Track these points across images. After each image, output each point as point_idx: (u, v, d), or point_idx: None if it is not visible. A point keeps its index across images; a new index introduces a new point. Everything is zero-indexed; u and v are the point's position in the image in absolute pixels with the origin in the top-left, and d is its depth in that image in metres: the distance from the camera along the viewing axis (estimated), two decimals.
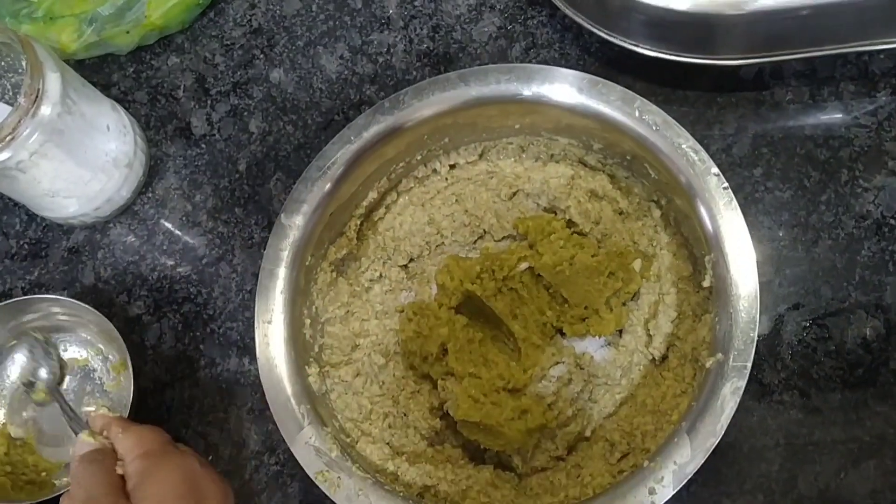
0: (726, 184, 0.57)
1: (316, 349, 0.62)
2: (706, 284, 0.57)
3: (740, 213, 0.56)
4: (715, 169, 0.57)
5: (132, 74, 0.76)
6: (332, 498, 0.55)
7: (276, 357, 0.58)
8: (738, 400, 0.53)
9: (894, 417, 0.61)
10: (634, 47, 0.65)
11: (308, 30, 0.75)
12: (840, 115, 0.67)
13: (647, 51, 0.65)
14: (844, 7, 0.60)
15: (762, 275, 0.63)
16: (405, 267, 0.68)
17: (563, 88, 0.60)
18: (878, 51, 0.65)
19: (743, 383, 0.53)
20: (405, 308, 0.66)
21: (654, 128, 0.59)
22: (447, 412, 0.62)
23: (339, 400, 0.61)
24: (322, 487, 0.55)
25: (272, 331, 0.59)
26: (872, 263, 0.64)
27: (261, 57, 0.75)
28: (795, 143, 0.67)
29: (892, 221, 0.64)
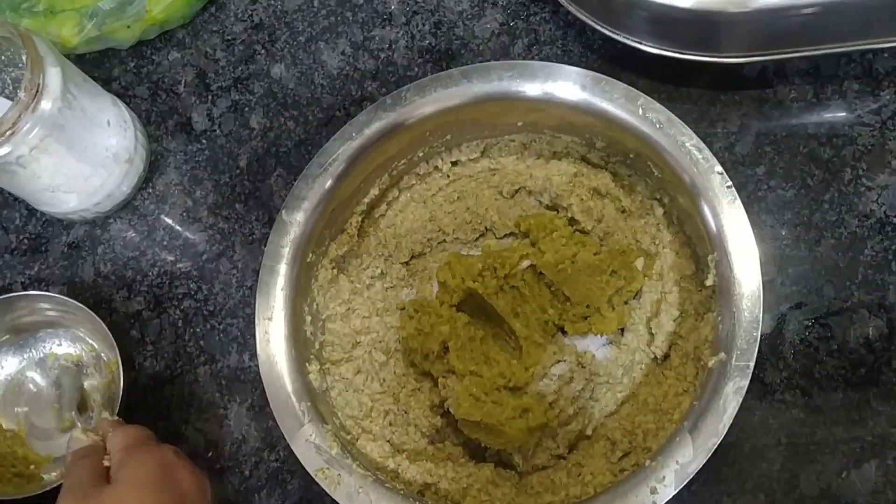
0: (730, 182, 0.57)
1: (317, 346, 0.62)
2: (709, 283, 0.57)
3: (744, 212, 0.56)
4: (718, 167, 0.57)
5: (133, 69, 0.76)
6: (333, 495, 0.55)
7: (277, 354, 0.58)
8: (741, 399, 0.52)
9: None
10: (637, 44, 0.65)
11: (309, 25, 0.75)
12: (844, 114, 0.66)
13: (651, 48, 0.65)
14: (849, 5, 0.59)
15: (765, 273, 0.63)
16: (406, 264, 0.68)
17: (567, 86, 0.60)
18: (883, 49, 0.65)
19: (745, 383, 0.53)
20: (406, 305, 0.65)
21: (658, 126, 0.58)
22: (448, 410, 0.61)
23: (340, 397, 0.61)
24: (322, 485, 0.55)
25: (273, 328, 0.58)
26: (875, 263, 0.63)
27: (262, 52, 0.75)
28: (799, 142, 0.66)
29: None
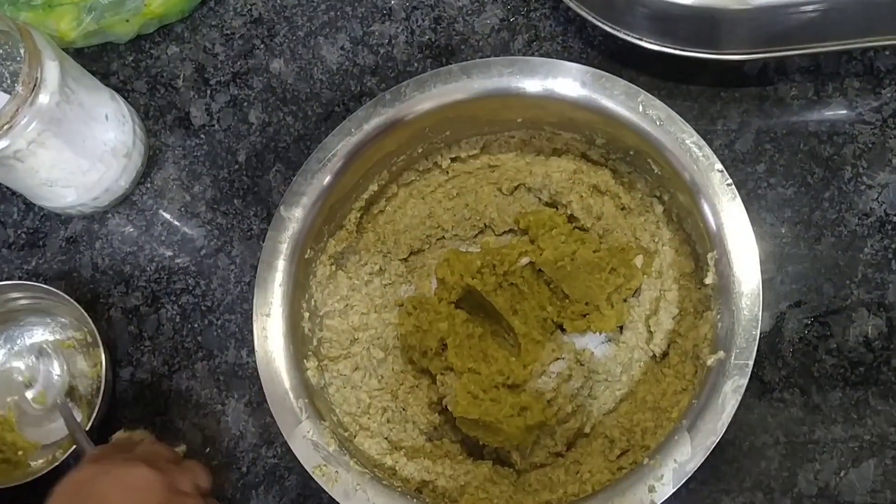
0: (730, 180, 0.56)
1: (314, 343, 0.62)
2: (708, 281, 0.57)
3: (744, 210, 0.56)
4: (719, 165, 0.57)
5: (131, 63, 0.76)
6: (330, 492, 0.55)
7: (275, 350, 0.58)
8: (740, 398, 0.52)
9: (895, 416, 0.60)
10: (638, 41, 0.65)
11: (309, 20, 0.75)
12: (844, 112, 0.66)
13: (651, 45, 0.64)
14: (850, 3, 0.59)
15: (764, 272, 0.63)
16: (405, 261, 0.67)
17: (567, 82, 0.60)
18: (884, 47, 0.65)
19: (744, 381, 0.53)
20: (405, 302, 0.65)
21: (658, 123, 0.58)
22: (446, 407, 0.61)
23: (338, 394, 0.61)
24: (320, 482, 0.55)
25: (270, 324, 0.58)
26: (875, 261, 0.63)
27: (261, 47, 0.75)
28: (799, 140, 0.66)
29: None
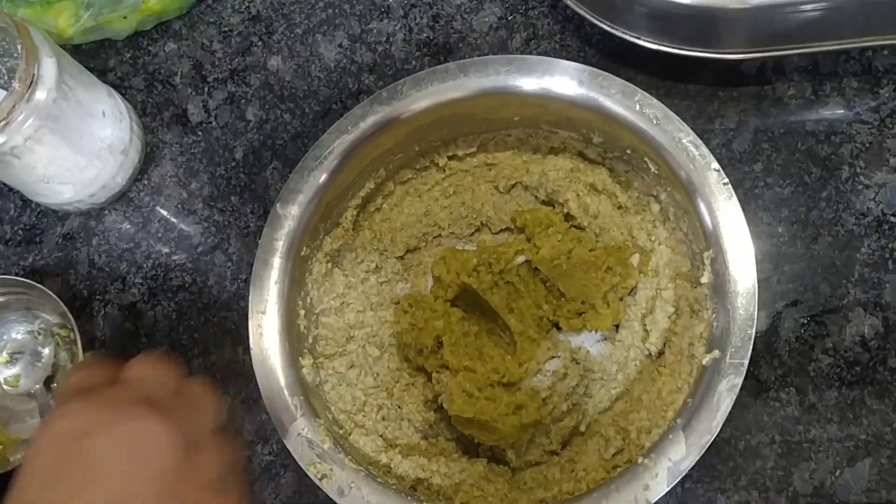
0: (726, 179, 0.56)
1: (310, 340, 0.61)
2: (704, 280, 0.57)
3: (740, 209, 0.56)
4: (715, 164, 0.57)
5: (129, 60, 0.76)
6: (325, 490, 0.54)
7: (270, 348, 0.58)
8: (735, 397, 0.52)
9: (891, 416, 0.60)
10: (636, 40, 0.65)
11: (307, 17, 0.75)
12: (842, 112, 0.66)
13: (649, 43, 0.64)
14: (849, 3, 0.59)
15: (760, 271, 0.63)
16: (401, 258, 0.67)
17: (564, 81, 0.60)
18: (882, 47, 0.65)
19: (740, 380, 0.53)
20: (401, 300, 0.65)
21: (655, 122, 0.58)
22: (441, 405, 0.61)
23: (333, 391, 0.61)
24: (314, 479, 0.55)
25: (266, 321, 0.58)
26: (872, 261, 0.63)
27: (259, 44, 0.75)
28: (796, 139, 0.66)
29: (893, 219, 0.64)
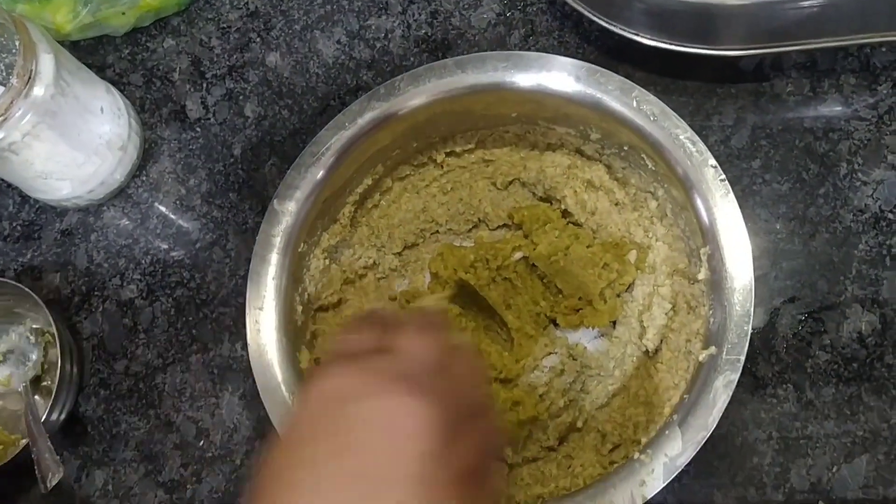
0: (723, 175, 0.56)
1: (308, 336, 0.62)
2: (701, 277, 0.57)
3: (737, 206, 0.56)
4: (712, 160, 0.57)
5: (127, 56, 0.76)
6: None
7: (267, 343, 0.58)
8: (731, 393, 0.52)
9: (888, 412, 0.60)
10: (634, 36, 0.65)
11: (305, 13, 0.75)
12: (840, 108, 0.66)
13: (648, 40, 0.64)
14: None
15: (758, 267, 0.63)
16: (399, 255, 0.67)
17: (561, 77, 0.60)
18: (880, 43, 0.65)
19: (736, 377, 0.53)
20: (398, 296, 0.65)
21: (652, 118, 0.58)
22: None
23: None
24: None
25: (263, 317, 0.58)
26: (869, 258, 0.63)
27: (257, 40, 0.75)
28: (794, 136, 0.66)
29: (891, 216, 0.64)
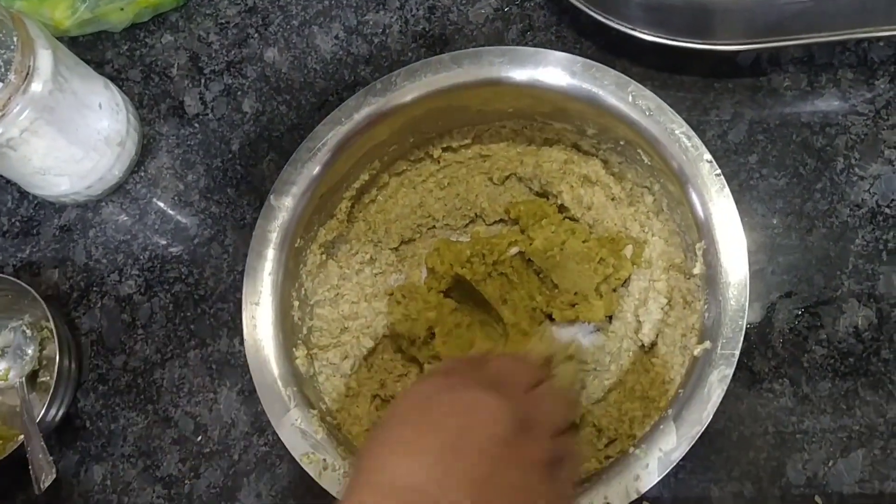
0: (719, 170, 0.56)
1: (304, 331, 0.62)
2: (696, 272, 0.57)
3: (732, 201, 0.56)
4: (708, 155, 0.57)
5: (126, 52, 0.76)
6: (317, 480, 0.55)
7: (264, 339, 0.58)
8: (726, 388, 0.52)
9: (884, 407, 0.60)
10: (632, 31, 0.65)
11: (303, 9, 0.75)
12: (837, 103, 0.66)
13: (645, 35, 0.64)
14: None
15: (755, 262, 0.63)
16: (396, 250, 0.67)
17: (557, 72, 0.60)
18: (878, 38, 0.64)
19: (730, 371, 0.53)
20: (394, 291, 0.65)
21: (648, 113, 0.58)
22: None
23: (327, 382, 0.61)
24: (307, 469, 0.55)
25: (260, 312, 0.58)
26: (866, 252, 0.63)
27: (255, 36, 0.75)
28: (792, 131, 0.66)
29: (887, 210, 0.64)
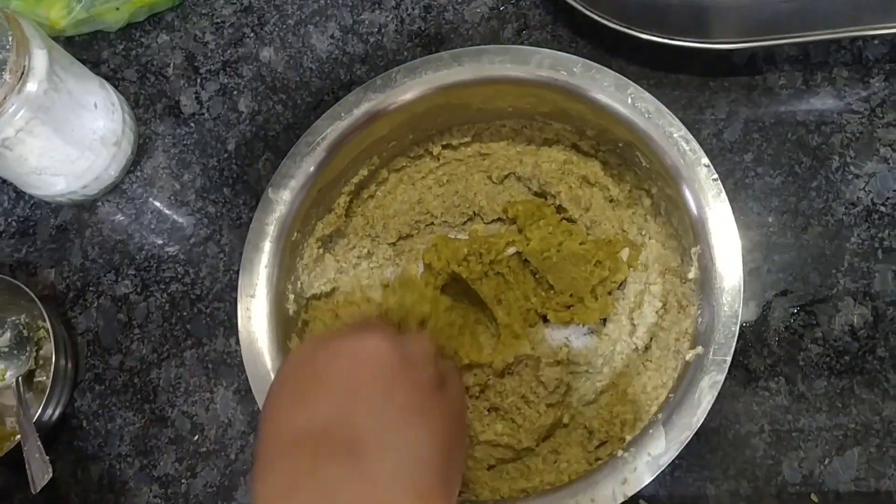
0: (716, 175, 0.56)
1: (299, 324, 0.62)
2: (691, 276, 0.57)
3: (729, 206, 0.55)
4: (705, 160, 0.56)
5: (122, 52, 0.76)
6: None
7: (258, 331, 0.58)
8: (717, 394, 0.52)
9: (879, 405, 0.61)
10: (627, 30, 0.65)
11: (299, 8, 0.75)
12: (833, 101, 0.66)
13: (640, 34, 0.64)
14: None
15: (751, 261, 0.63)
16: (393, 245, 0.67)
17: (557, 72, 0.59)
18: (873, 36, 0.64)
19: (722, 377, 0.53)
20: (390, 281, 0.65)
21: (647, 115, 0.58)
22: None
23: None
24: None
25: (255, 305, 0.58)
26: (861, 250, 0.63)
27: (251, 35, 0.75)
28: (787, 129, 0.66)
29: (883, 208, 0.64)
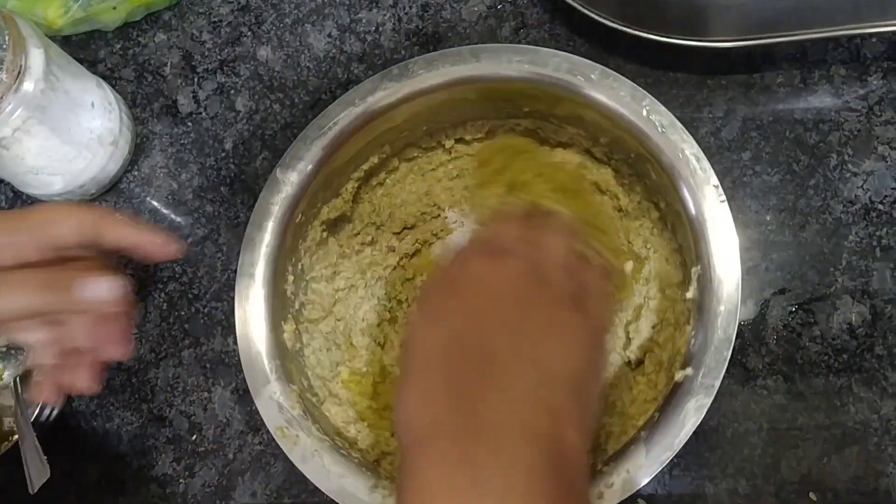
0: (723, 196, 0.55)
1: (296, 306, 0.61)
2: (689, 296, 0.56)
3: (734, 229, 0.55)
4: (715, 180, 0.56)
5: (119, 51, 0.76)
6: (289, 455, 0.55)
7: (253, 311, 0.58)
8: (702, 417, 0.52)
9: (878, 404, 0.60)
10: (625, 28, 0.64)
11: (296, 7, 0.75)
12: (830, 99, 0.66)
13: (638, 32, 0.64)
14: None
15: (749, 259, 0.63)
16: (398, 234, 0.67)
17: (574, 77, 0.59)
18: (871, 34, 0.64)
19: (709, 401, 0.52)
20: (405, 265, 0.66)
21: (661, 129, 0.57)
22: None
23: (313, 356, 0.61)
24: (280, 443, 0.55)
25: (253, 284, 0.58)
26: (860, 249, 0.63)
27: (248, 34, 0.75)
28: (785, 127, 0.66)
29: (881, 207, 0.64)
